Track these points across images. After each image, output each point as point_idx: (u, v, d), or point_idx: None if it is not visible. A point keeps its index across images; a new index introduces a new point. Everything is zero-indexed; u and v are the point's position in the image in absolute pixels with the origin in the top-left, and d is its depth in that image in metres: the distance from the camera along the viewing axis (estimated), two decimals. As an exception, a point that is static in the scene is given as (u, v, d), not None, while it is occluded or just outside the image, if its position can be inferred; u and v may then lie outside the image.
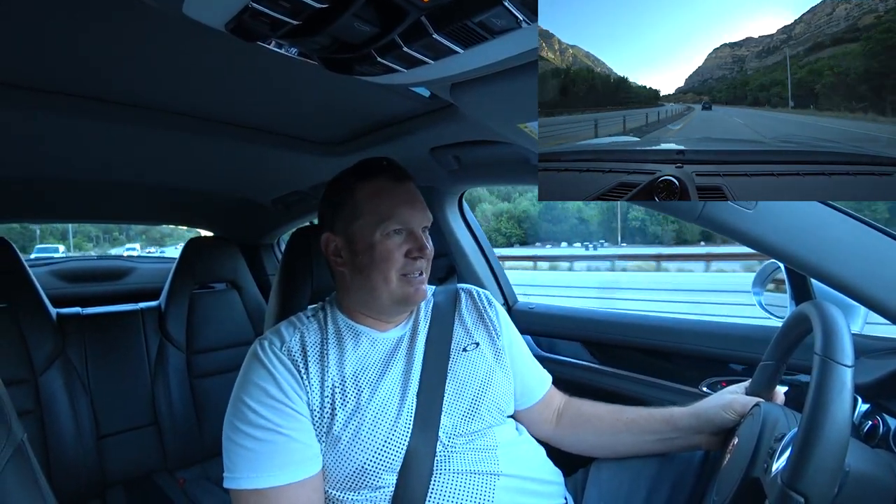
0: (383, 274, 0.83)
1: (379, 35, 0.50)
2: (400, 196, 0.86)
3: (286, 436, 0.75)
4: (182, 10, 0.49)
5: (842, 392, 0.54)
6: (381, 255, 0.83)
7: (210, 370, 1.87)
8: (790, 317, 0.77)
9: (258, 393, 0.78)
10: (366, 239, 0.84)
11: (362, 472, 0.77)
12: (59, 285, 2.07)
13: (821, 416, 0.53)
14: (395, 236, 0.84)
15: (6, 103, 0.87)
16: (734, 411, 0.83)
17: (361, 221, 0.85)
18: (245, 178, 1.63)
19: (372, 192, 0.86)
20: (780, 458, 0.60)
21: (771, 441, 0.66)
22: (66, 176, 1.41)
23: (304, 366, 0.80)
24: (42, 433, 1.49)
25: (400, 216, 0.84)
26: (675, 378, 1.20)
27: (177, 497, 1.56)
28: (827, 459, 0.52)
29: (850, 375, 0.55)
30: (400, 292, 0.84)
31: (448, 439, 0.83)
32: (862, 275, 0.77)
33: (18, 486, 0.59)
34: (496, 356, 0.96)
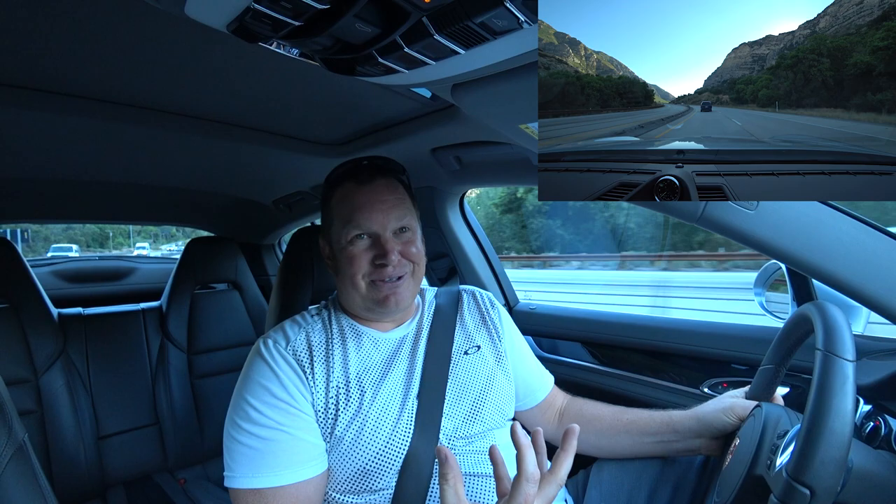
0: (351, 279, 0.84)
1: (380, 36, 0.50)
2: (360, 200, 0.84)
3: (290, 435, 0.75)
4: (184, 10, 0.49)
5: (844, 385, 0.54)
6: (346, 259, 0.84)
7: (211, 370, 1.87)
8: (791, 318, 0.77)
9: (262, 392, 0.77)
10: (337, 243, 0.85)
11: (363, 474, 0.77)
12: (61, 286, 2.08)
13: (824, 408, 0.53)
14: (358, 241, 0.84)
15: (7, 103, 0.87)
16: (734, 415, 0.83)
17: (334, 227, 0.86)
18: (246, 179, 1.63)
19: (340, 197, 0.86)
20: (783, 453, 0.61)
21: (773, 438, 0.66)
22: (68, 176, 1.42)
23: (309, 366, 0.80)
24: (43, 433, 1.49)
25: (358, 220, 0.83)
26: (677, 379, 1.20)
27: (177, 497, 1.56)
28: (832, 451, 0.52)
29: (852, 369, 0.55)
30: (370, 297, 0.84)
31: (449, 441, 0.83)
32: (863, 275, 0.77)
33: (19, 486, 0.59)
34: (497, 359, 0.96)
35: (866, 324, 0.97)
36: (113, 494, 1.60)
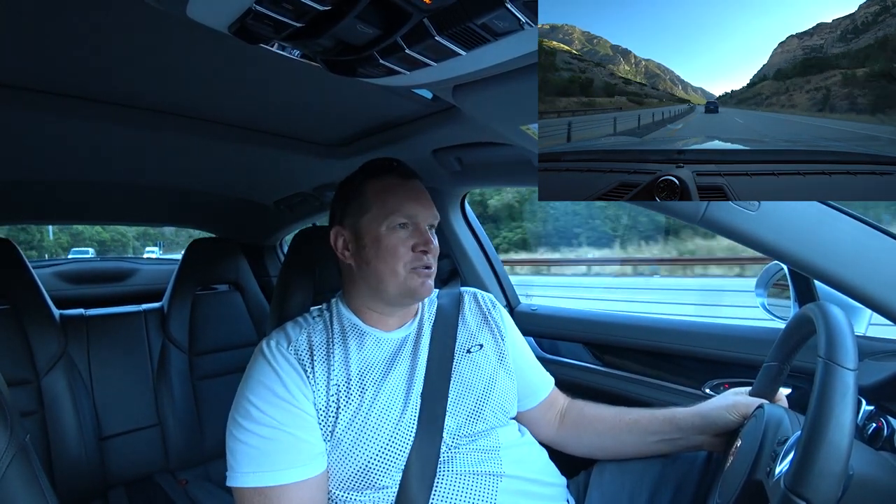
0: (390, 267, 0.85)
1: (381, 37, 0.50)
2: (406, 192, 0.88)
3: (291, 434, 0.76)
4: (186, 12, 0.49)
5: (845, 396, 0.53)
6: (386, 248, 0.85)
7: (212, 371, 1.87)
8: (793, 318, 0.76)
9: (264, 391, 0.78)
10: (372, 232, 0.86)
11: (366, 472, 0.77)
12: (63, 287, 2.08)
13: (824, 420, 0.53)
14: (400, 230, 0.86)
15: (10, 105, 0.87)
16: (738, 412, 0.83)
17: (369, 215, 0.87)
18: (248, 180, 1.63)
19: (380, 188, 0.88)
20: (782, 462, 0.60)
21: (774, 444, 0.66)
22: (70, 177, 1.42)
23: (310, 365, 0.81)
24: (45, 434, 1.49)
25: (405, 210, 0.86)
26: (678, 380, 1.20)
27: (179, 498, 1.56)
28: (830, 464, 0.51)
29: (854, 379, 0.54)
30: (408, 285, 0.85)
31: (452, 440, 0.83)
32: (866, 277, 0.77)
33: (21, 486, 0.60)
34: (500, 358, 0.97)
35: (868, 324, 0.97)
36: (114, 495, 1.60)
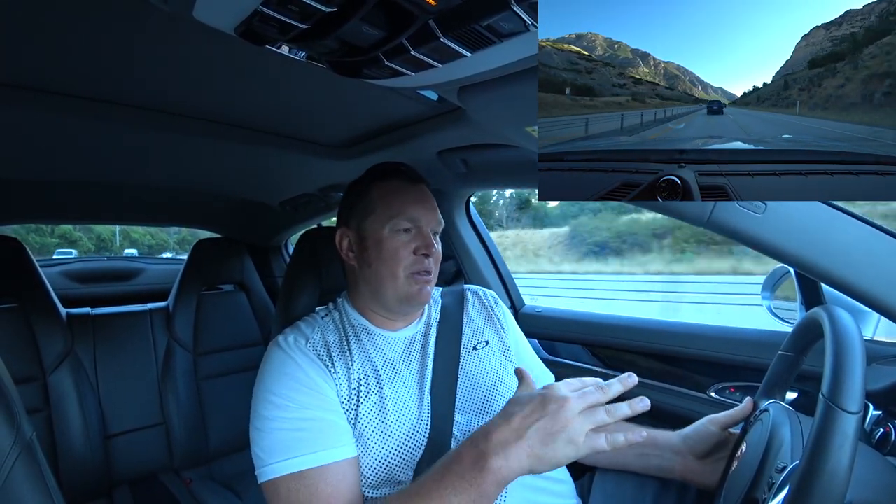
0: (390, 270, 0.85)
1: (387, 38, 0.51)
2: (412, 195, 0.88)
3: (320, 418, 0.75)
4: (192, 13, 0.49)
5: (844, 444, 0.51)
6: (388, 251, 0.85)
7: (217, 371, 1.88)
8: (802, 320, 0.76)
9: (286, 380, 0.77)
10: (376, 234, 0.86)
11: (384, 467, 0.78)
12: (70, 286, 2.10)
13: (819, 466, 0.50)
14: (403, 234, 0.86)
15: (14, 104, 0.88)
16: (718, 424, 0.86)
17: (373, 217, 0.87)
18: (253, 181, 1.64)
19: (386, 191, 0.88)
20: (777, 495, 0.58)
21: (772, 471, 0.64)
22: (75, 177, 1.43)
23: (329, 361, 0.81)
24: (50, 432, 1.50)
25: (409, 213, 0.86)
26: (683, 383, 1.19)
27: (183, 497, 1.57)
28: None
29: (857, 423, 0.52)
30: (405, 290, 0.85)
31: (462, 435, 0.83)
32: (873, 280, 0.76)
33: (27, 483, 0.60)
34: (505, 353, 0.98)
35: (876, 328, 0.96)
36: (119, 493, 1.61)
